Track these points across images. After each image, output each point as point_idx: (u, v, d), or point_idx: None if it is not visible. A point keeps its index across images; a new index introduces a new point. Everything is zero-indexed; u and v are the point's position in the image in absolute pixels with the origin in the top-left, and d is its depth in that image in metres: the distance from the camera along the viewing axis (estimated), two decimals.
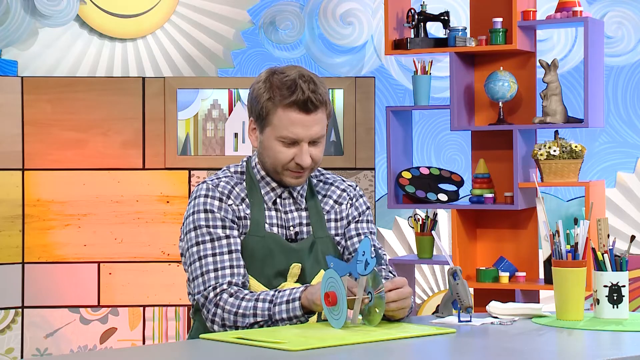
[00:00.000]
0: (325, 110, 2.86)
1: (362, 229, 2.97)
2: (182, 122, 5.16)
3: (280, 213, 2.90)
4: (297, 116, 2.81)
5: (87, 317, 5.10)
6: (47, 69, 5.50)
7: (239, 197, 2.88)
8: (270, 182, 2.91)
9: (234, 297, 2.75)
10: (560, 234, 2.78)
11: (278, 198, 2.91)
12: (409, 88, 5.60)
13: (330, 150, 5.17)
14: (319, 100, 2.82)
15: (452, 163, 5.58)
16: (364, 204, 3.00)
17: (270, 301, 2.71)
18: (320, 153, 2.87)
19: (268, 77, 2.85)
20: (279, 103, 2.81)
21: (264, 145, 2.87)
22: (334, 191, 2.98)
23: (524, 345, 2.48)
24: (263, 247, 2.84)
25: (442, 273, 5.58)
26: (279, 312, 2.69)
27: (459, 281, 2.72)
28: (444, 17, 4.80)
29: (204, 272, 2.80)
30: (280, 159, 2.85)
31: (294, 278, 2.85)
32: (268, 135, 2.85)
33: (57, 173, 5.07)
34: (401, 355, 2.37)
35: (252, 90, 2.88)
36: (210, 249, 2.82)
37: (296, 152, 2.84)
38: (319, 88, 2.83)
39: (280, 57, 5.66)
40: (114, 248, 5.09)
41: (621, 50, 5.47)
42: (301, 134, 2.82)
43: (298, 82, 2.81)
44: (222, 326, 2.75)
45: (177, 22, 5.64)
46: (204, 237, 2.83)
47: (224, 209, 2.85)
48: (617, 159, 5.45)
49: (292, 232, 2.89)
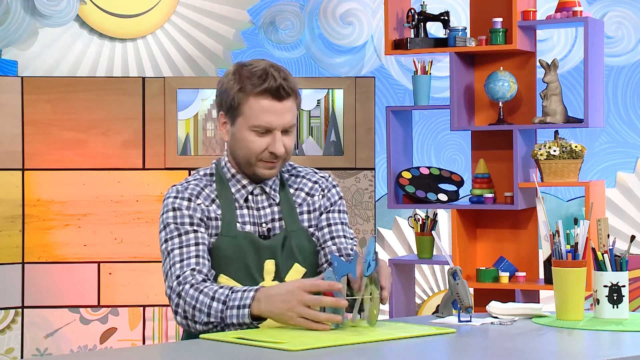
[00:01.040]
0: (296, 100, 2.87)
1: (334, 219, 2.95)
2: (182, 122, 5.16)
3: (253, 210, 2.90)
4: (269, 104, 2.82)
5: (87, 317, 5.10)
6: (47, 69, 5.50)
7: (209, 198, 2.88)
8: (241, 179, 2.91)
9: (194, 288, 2.74)
10: (560, 234, 2.78)
11: (250, 195, 2.90)
12: (409, 88, 5.60)
13: (330, 150, 5.17)
14: (291, 88, 2.84)
15: (452, 163, 5.58)
16: (336, 194, 2.98)
17: (223, 302, 2.69)
18: (292, 143, 2.88)
19: (237, 70, 2.86)
20: (251, 92, 2.82)
21: (236, 137, 2.87)
22: (305, 184, 2.97)
23: (524, 345, 2.48)
24: (235, 246, 2.84)
25: (442, 273, 5.58)
26: (230, 317, 2.68)
27: (459, 281, 2.72)
28: (444, 17, 4.80)
29: (171, 265, 2.81)
30: (253, 149, 2.84)
31: (270, 275, 2.84)
32: (240, 126, 2.85)
33: (57, 173, 5.07)
34: (401, 355, 2.37)
35: (220, 85, 2.89)
36: (177, 243, 2.82)
37: (269, 141, 2.84)
38: (289, 77, 2.86)
39: (280, 57, 5.66)
40: (114, 248, 5.09)
41: (621, 50, 5.47)
42: (274, 122, 2.83)
43: (269, 70, 2.83)
44: (184, 318, 2.74)
45: (177, 22, 5.64)
46: (172, 233, 2.84)
47: (192, 208, 2.85)
48: (617, 159, 5.45)
49: (265, 228, 2.89)
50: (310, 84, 5.17)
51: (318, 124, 5.21)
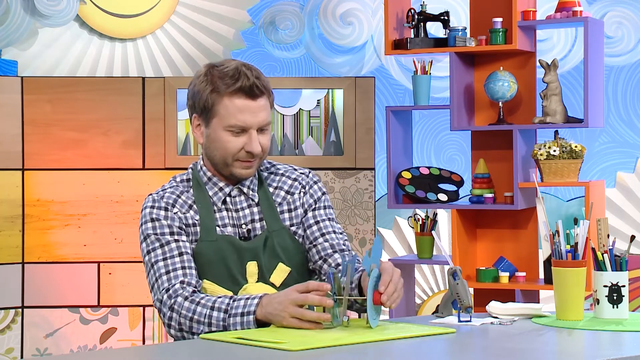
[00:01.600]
0: (269, 98, 2.86)
1: (320, 216, 2.94)
2: (182, 122, 5.16)
3: (232, 212, 2.88)
4: (243, 102, 2.81)
5: (87, 317, 5.10)
6: (47, 69, 5.50)
7: (185, 205, 2.87)
8: (218, 182, 2.89)
9: (189, 300, 2.73)
10: (560, 234, 2.78)
11: (227, 197, 2.89)
12: (409, 88, 5.60)
13: (330, 150, 5.17)
14: (264, 86, 2.83)
15: (452, 163, 5.58)
16: (319, 190, 2.97)
17: (225, 311, 2.68)
18: (268, 142, 2.87)
19: (208, 71, 2.85)
20: (224, 92, 2.81)
21: (211, 138, 2.85)
22: (284, 182, 2.96)
23: (524, 345, 2.48)
24: (216, 250, 2.83)
25: (442, 273, 5.58)
26: (234, 324, 2.67)
27: (459, 281, 2.72)
28: (444, 17, 4.80)
29: (157, 278, 2.79)
30: (229, 149, 2.83)
31: (254, 277, 2.83)
32: (215, 127, 2.84)
33: (57, 173, 5.07)
34: (401, 355, 2.37)
35: (192, 86, 2.87)
36: (160, 255, 2.81)
37: (245, 140, 2.82)
38: (262, 76, 2.85)
39: (280, 57, 5.66)
40: (114, 248, 5.09)
41: (621, 50, 5.47)
42: (249, 121, 2.82)
43: (241, 69, 2.82)
44: (179, 330, 2.73)
45: (177, 22, 5.64)
46: (154, 244, 2.83)
47: (170, 217, 2.84)
48: (617, 159, 5.45)
49: (245, 229, 2.87)
50: (310, 84, 5.17)
51: (318, 124, 5.21)
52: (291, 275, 2.86)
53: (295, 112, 5.21)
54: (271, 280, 2.84)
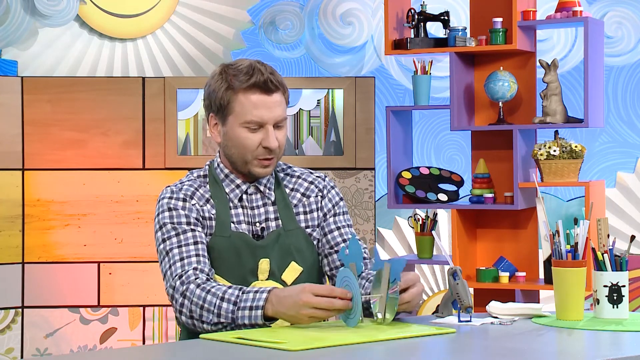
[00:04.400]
0: (284, 94, 2.87)
1: (341, 222, 2.95)
2: (182, 122, 5.16)
3: (247, 209, 2.89)
4: (258, 97, 2.82)
5: (87, 317, 5.10)
6: (47, 69, 5.50)
7: (203, 198, 2.88)
8: (235, 179, 2.90)
9: (201, 288, 2.73)
10: (560, 234, 2.78)
11: (244, 194, 2.90)
12: (409, 88, 5.60)
13: (330, 150, 5.17)
14: (278, 81, 2.85)
15: (452, 163, 5.58)
16: (336, 195, 2.99)
17: (234, 303, 2.68)
18: (284, 138, 2.88)
19: (223, 70, 2.87)
20: (239, 88, 2.82)
21: (228, 136, 2.87)
22: (301, 184, 2.97)
23: (524, 345, 2.48)
24: (229, 247, 2.84)
25: (442, 273, 5.58)
26: (242, 317, 2.67)
27: (459, 281, 2.72)
28: (444, 17, 4.80)
29: (171, 265, 2.80)
30: (247, 145, 2.84)
31: (265, 274, 2.84)
32: (232, 124, 2.85)
33: (57, 173, 5.07)
34: (401, 355, 2.37)
35: (207, 86, 2.88)
36: (176, 243, 2.81)
37: (262, 136, 2.84)
38: (276, 72, 2.87)
39: (280, 57, 5.66)
40: (114, 248, 5.09)
41: (621, 50, 5.47)
42: (265, 116, 2.83)
43: (255, 65, 2.84)
44: (189, 318, 2.73)
45: (177, 22, 5.64)
46: (169, 232, 2.83)
47: (187, 208, 2.85)
48: (617, 159, 5.45)
49: (259, 227, 2.88)
50: (310, 84, 5.17)
51: (318, 124, 5.21)
52: (302, 275, 2.87)
53: (296, 112, 5.21)
54: (283, 278, 2.85)
